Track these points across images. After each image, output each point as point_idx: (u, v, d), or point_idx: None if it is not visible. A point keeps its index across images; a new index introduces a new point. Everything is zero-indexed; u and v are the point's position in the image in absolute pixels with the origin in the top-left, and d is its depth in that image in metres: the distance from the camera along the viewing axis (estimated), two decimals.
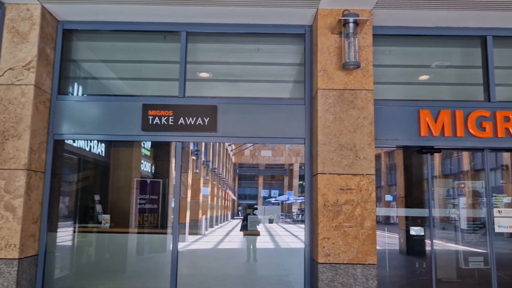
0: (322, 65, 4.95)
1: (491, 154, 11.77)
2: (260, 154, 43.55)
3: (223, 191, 28.55)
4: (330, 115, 4.88)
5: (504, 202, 6.02)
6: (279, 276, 8.24)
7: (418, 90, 6.02)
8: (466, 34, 5.49)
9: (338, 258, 4.67)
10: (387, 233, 8.22)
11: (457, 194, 8.16)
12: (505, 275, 6.41)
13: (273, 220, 26.31)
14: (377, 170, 21.63)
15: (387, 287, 6.73)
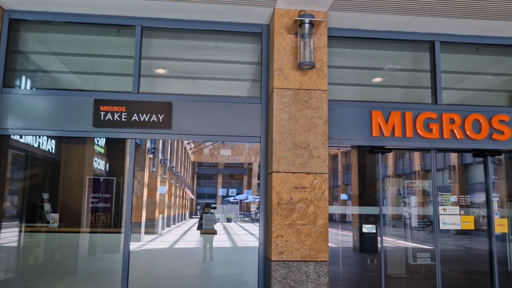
0: (278, 65, 4.99)
1: (440, 155, 12.33)
2: (219, 153, 43.35)
3: (181, 190, 28.19)
4: (285, 114, 4.93)
5: (451, 200, 6.31)
6: (234, 274, 8.26)
7: (371, 91, 6.21)
8: (416, 39, 5.72)
9: (291, 255, 4.72)
10: (342, 231, 8.43)
11: (406, 193, 8.49)
12: (450, 270, 6.73)
13: (232, 219, 26.34)
14: (334, 170, 22.09)
15: (340, 283, 6.89)
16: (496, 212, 5.72)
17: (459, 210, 5.77)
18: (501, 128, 5.54)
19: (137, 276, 7.52)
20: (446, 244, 7.73)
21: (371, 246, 7.20)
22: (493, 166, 6.81)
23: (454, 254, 7.93)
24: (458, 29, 5.55)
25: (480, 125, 5.53)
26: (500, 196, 6.62)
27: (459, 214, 5.72)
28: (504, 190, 6.66)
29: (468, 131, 5.49)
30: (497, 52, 6.10)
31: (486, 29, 5.54)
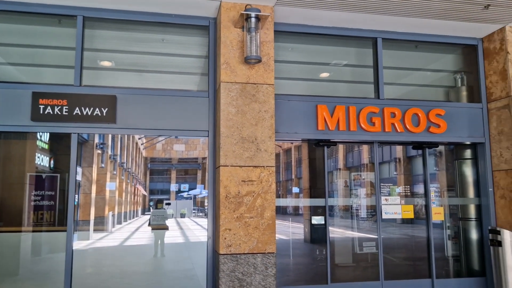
0: (225, 58, 4.98)
1: (386, 148, 12.78)
2: (172, 148, 42.60)
3: (133, 186, 27.46)
4: (232, 108, 4.94)
5: (396, 191, 6.60)
6: (185, 270, 8.19)
7: (318, 86, 6.34)
8: (360, 35, 5.90)
9: (239, 248, 4.76)
10: (295, 223, 8.58)
11: (353, 185, 8.77)
12: (394, 257, 7.04)
13: (185, 214, 25.98)
14: (288, 164, 22.40)
15: (290, 274, 7.02)
16: (433, 201, 6.05)
17: (400, 200, 6.05)
18: (438, 121, 5.86)
19: (85, 275, 7.29)
20: (391, 232, 8.08)
21: (320, 237, 7.38)
22: (435, 158, 7.19)
23: (398, 242, 8.27)
24: (399, 26, 5.79)
25: (418, 118, 5.81)
26: (441, 186, 6.99)
27: (399, 204, 5.99)
28: (444, 181, 7.04)
29: (407, 125, 5.76)
30: (435, 49, 6.43)
31: (425, 27, 5.82)
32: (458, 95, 6.38)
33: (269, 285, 4.76)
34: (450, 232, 6.48)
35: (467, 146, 6.31)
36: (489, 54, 6.07)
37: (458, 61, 6.55)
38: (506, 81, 5.76)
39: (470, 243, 6.25)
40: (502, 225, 5.79)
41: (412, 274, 6.29)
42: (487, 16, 5.49)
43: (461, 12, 5.36)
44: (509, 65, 5.74)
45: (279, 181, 16.68)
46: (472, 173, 6.27)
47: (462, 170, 6.40)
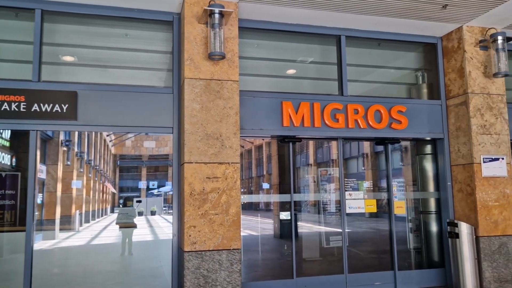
0: (189, 54, 4.94)
1: (354, 144, 12.96)
2: (142, 145, 41.99)
3: (101, 184, 26.89)
4: (197, 104, 4.91)
5: (364, 186, 6.73)
6: (153, 268, 8.10)
7: (283, 83, 6.38)
8: (324, 33, 5.98)
9: (204, 245, 4.75)
10: (266, 219, 8.62)
11: (320, 180, 8.89)
12: (360, 250, 7.19)
13: (156, 211, 25.70)
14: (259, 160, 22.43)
15: (258, 270, 7.07)
16: (395, 195, 6.21)
17: (363, 194, 6.18)
18: (399, 118, 6.01)
19: (48, 275, 7.09)
20: (358, 226, 8.24)
21: (289, 232, 7.46)
22: (401, 153, 7.37)
23: (364, 236, 8.45)
24: (362, 24, 5.89)
25: (381, 115, 5.95)
26: (404, 181, 7.18)
27: (363, 198, 6.12)
28: (407, 175, 7.23)
29: (370, 121, 5.88)
30: (397, 47, 6.58)
31: (387, 25, 5.94)
32: (419, 92, 6.57)
33: (234, 281, 4.78)
34: (412, 225, 6.68)
35: (427, 142, 6.50)
36: (448, 53, 6.27)
37: (419, 59, 6.73)
38: (463, 79, 5.97)
39: (430, 235, 6.46)
40: (459, 217, 6.02)
41: (376, 267, 6.45)
42: (445, 16, 5.67)
43: (421, 11, 5.50)
44: (466, 63, 5.94)
45: (251, 177, 16.71)
46: (432, 167, 6.47)
47: (423, 165, 6.60)
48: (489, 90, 5.99)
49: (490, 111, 5.95)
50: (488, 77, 5.99)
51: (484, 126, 5.89)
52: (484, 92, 5.96)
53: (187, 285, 4.64)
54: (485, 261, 5.69)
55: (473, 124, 5.85)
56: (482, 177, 5.78)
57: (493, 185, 5.82)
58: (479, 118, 5.88)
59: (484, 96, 5.95)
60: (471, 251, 5.66)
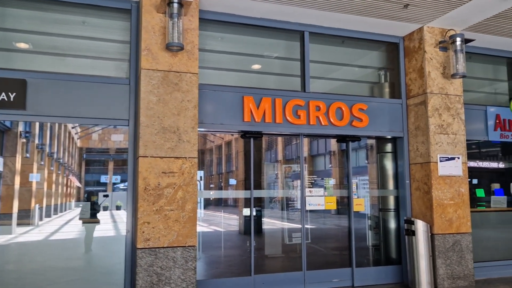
0: (147, 44, 4.77)
1: (322, 142, 12.99)
2: (110, 138, 41.15)
3: (65, 177, 26.13)
4: (154, 96, 4.75)
5: (330, 184, 6.74)
6: (112, 264, 7.87)
7: (246, 77, 6.28)
8: (288, 28, 5.92)
9: (158, 242, 4.62)
10: (232, 215, 8.54)
11: (284, 177, 8.88)
12: (321, 247, 7.22)
13: (121, 206, 25.23)
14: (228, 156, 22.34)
15: (220, 266, 6.99)
16: (355, 193, 6.25)
17: (323, 192, 6.18)
18: (360, 116, 6.03)
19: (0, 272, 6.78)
20: (322, 223, 8.28)
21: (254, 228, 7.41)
22: (366, 151, 7.43)
23: (327, 233, 8.51)
24: (326, 21, 5.87)
25: (342, 112, 5.95)
26: (365, 178, 7.25)
27: (323, 195, 6.12)
28: (369, 173, 7.29)
29: (332, 118, 5.88)
30: (360, 45, 6.60)
31: (351, 23, 5.94)
32: (381, 91, 6.62)
33: (189, 279, 4.67)
34: (371, 222, 6.74)
35: (388, 140, 6.57)
36: (409, 53, 6.34)
37: (382, 58, 6.79)
38: (423, 79, 6.05)
39: (389, 232, 6.54)
40: (416, 215, 6.11)
41: (337, 263, 6.48)
42: (407, 16, 5.71)
43: (383, 10, 5.52)
44: (426, 64, 6.02)
45: (221, 173, 16.61)
46: (392, 166, 6.55)
47: (383, 163, 6.66)
48: (447, 90, 6.10)
49: (448, 111, 6.06)
50: (447, 78, 6.09)
51: (441, 126, 5.99)
52: (443, 93, 6.06)
53: (139, 283, 4.50)
54: (440, 258, 5.80)
55: (431, 124, 5.94)
56: (438, 176, 5.88)
57: (448, 184, 5.93)
58: (437, 118, 5.98)
59: (442, 96, 6.05)
60: (427, 249, 5.75)
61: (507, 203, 7.33)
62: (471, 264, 5.96)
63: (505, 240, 7.19)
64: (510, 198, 7.39)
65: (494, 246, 7.01)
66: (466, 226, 5.97)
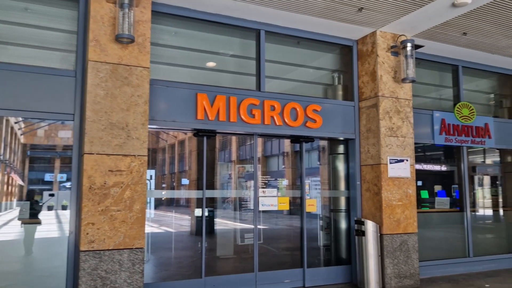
0: (95, 35, 4.51)
1: (275, 142, 13.02)
2: (57, 134, 39.28)
3: (6, 175, 24.67)
4: (101, 90, 4.50)
5: (283, 184, 6.71)
6: (54, 267, 7.42)
7: (201, 74, 6.13)
8: (244, 26, 5.83)
9: (104, 244, 4.37)
10: (185, 215, 8.30)
11: (237, 177, 8.79)
12: (274, 247, 7.18)
13: (68, 206, 24.11)
14: (181, 156, 21.99)
15: (171, 269, 6.77)
16: (307, 193, 6.27)
17: (276, 192, 6.15)
18: (314, 117, 6.06)
19: None
20: (275, 223, 8.26)
21: (206, 228, 7.26)
22: (318, 152, 7.48)
23: (280, 233, 8.50)
24: (282, 20, 5.84)
25: (297, 113, 5.95)
26: (321, 179, 7.29)
27: (276, 196, 6.09)
28: (321, 174, 7.35)
29: (286, 118, 5.86)
30: (315, 47, 6.65)
31: (306, 24, 5.95)
32: (334, 93, 6.69)
33: (135, 283, 4.46)
34: (323, 223, 6.80)
35: (340, 142, 6.66)
36: (362, 56, 6.46)
37: (336, 60, 6.87)
38: (375, 82, 6.17)
39: (339, 233, 6.63)
40: (366, 216, 6.23)
41: (288, 264, 6.47)
42: (361, 19, 5.81)
43: (338, 12, 5.57)
44: (378, 67, 6.15)
45: (173, 173, 16.26)
46: (344, 167, 6.64)
47: (335, 164, 6.75)
48: (398, 94, 6.26)
49: (398, 114, 6.23)
50: (397, 82, 6.26)
51: (391, 129, 6.14)
52: (393, 96, 6.22)
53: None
54: (388, 258, 5.94)
55: (382, 126, 6.07)
56: (388, 178, 6.02)
57: (397, 185, 6.09)
58: (388, 121, 6.13)
59: (393, 100, 6.21)
60: (376, 249, 5.87)
61: (450, 204, 7.66)
62: (417, 263, 6.15)
63: (448, 240, 7.51)
64: (453, 199, 7.74)
65: (437, 245, 7.30)
66: (412, 226, 6.16)
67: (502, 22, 5.84)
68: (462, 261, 7.20)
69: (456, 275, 6.97)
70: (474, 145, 7.55)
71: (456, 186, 7.80)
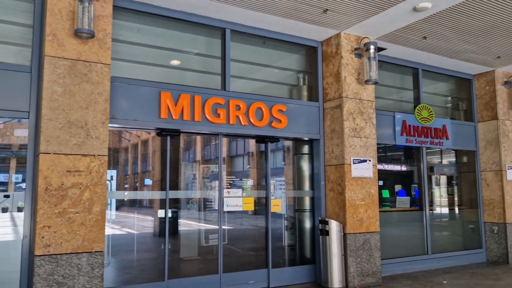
0: (52, 29, 4.30)
1: (240, 142, 13.01)
2: (13, 133, 37.55)
3: None
4: (59, 87, 4.30)
5: (248, 184, 6.66)
6: (6, 273, 7.07)
7: (165, 73, 5.99)
8: (209, 24, 5.75)
9: (61, 248, 4.18)
10: (149, 216, 8.08)
11: (202, 177, 8.67)
12: (239, 248, 7.12)
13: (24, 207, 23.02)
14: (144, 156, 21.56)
15: (133, 271, 6.57)
16: (273, 193, 6.27)
17: (241, 192, 6.11)
18: (280, 117, 6.07)
19: None
20: (240, 224, 8.20)
21: (170, 230, 7.12)
22: (283, 152, 7.48)
23: (246, 233, 8.46)
24: (248, 20, 5.80)
25: (262, 113, 5.93)
26: (286, 180, 7.29)
27: (241, 196, 6.05)
28: (287, 174, 7.37)
29: (251, 118, 5.83)
30: (281, 47, 6.65)
31: (272, 24, 5.94)
32: (300, 93, 6.73)
33: (95, 287, 4.29)
34: (288, 223, 6.82)
35: (305, 142, 6.70)
36: (327, 57, 6.53)
37: (301, 61, 6.91)
38: (339, 83, 6.25)
39: (304, 233, 6.66)
40: (330, 216, 6.29)
41: (253, 264, 6.43)
42: (326, 21, 5.86)
43: (304, 13, 5.60)
44: (342, 69, 6.23)
45: (136, 173, 15.91)
46: (308, 167, 6.68)
47: (300, 164, 6.78)
48: (361, 95, 6.37)
49: (361, 115, 6.33)
50: (361, 84, 6.36)
51: (355, 130, 6.24)
52: (357, 97, 6.32)
53: None
54: (351, 257, 6.02)
55: (346, 127, 6.15)
56: (351, 178, 6.11)
57: (360, 185, 6.19)
58: (351, 122, 6.22)
59: (356, 101, 6.31)
60: (339, 248, 5.94)
61: (410, 203, 7.88)
62: (379, 262, 6.27)
63: (408, 238, 7.72)
64: (412, 198, 7.97)
65: (398, 244, 7.49)
66: (375, 225, 6.28)
67: (460, 27, 6.06)
68: (421, 259, 7.42)
69: (416, 272, 7.18)
70: (432, 146, 7.80)
71: (415, 185, 8.04)
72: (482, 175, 8.37)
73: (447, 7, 5.38)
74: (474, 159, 8.47)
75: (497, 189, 8.09)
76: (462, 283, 6.41)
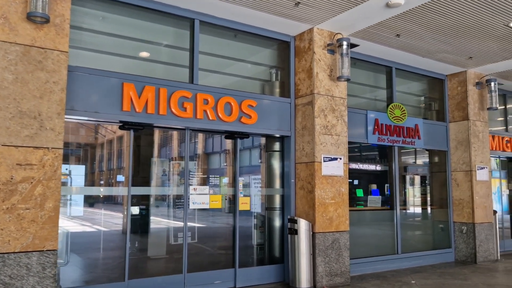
0: (3, 12, 4.01)
1: (217, 140, 12.78)
2: None
3: None
4: (10, 74, 4.01)
5: (224, 182, 6.47)
6: None
7: (130, 64, 5.73)
8: (178, 14, 5.53)
9: (8, 246, 3.90)
10: (119, 213, 7.81)
11: (172, 174, 8.43)
12: (209, 247, 6.93)
13: None
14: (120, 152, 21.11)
15: (97, 271, 6.31)
16: (241, 191, 6.10)
17: (208, 190, 5.93)
18: (250, 112, 5.90)
19: None
20: (212, 222, 8.01)
21: (137, 228, 6.89)
22: (259, 150, 7.32)
23: (216, 232, 8.27)
24: (218, 11, 5.60)
25: (231, 108, 5.75)
26: (254, 177, 7.14)
27: (208, 194, 5.86)
28: (257, 171, 7.21)
29: (220, 113, 5.64)
30: (253, 41, 6.48)
31: (244, 16, 5.76)
32: (272, 89, 6.57)
33: None
34: (257, 221, 6.67)
35: (276, 139, 6.55)
36: (299, 53, 6.39)
37: (274, 56, 6.75)
38: (311, 80, 6.12)
39: (273, 231, 6.52)
40: (300, 214, 6.17)
41: (221, 264, 6.26)
42: (298, 15, 5.71)
43: (276, 6, 5.44)
44: (315, 65, 6.11)
45: (111, 169, 15.52)
46: (279, 165, 6.54)
47: (271, 161, 6.63)
48: (333, 92, 6.26)
49: (333, 112, 6.22)
50: (333, 80, 6.25)
51: (326, 127, 6.12)
52: (329, 94, 6.21)
53: None
54: (319, 256, 5.91)
55: (317, 124, 6.03)
56: (321, 176, 5.99)
57: (330, 184, 6.08)
58: (323, 119, 6.10)
59: (328, 98, 6.20)
60: (308, 247, 5.82)
61: (381, 203, 7.84)
62: (348, 261, 6.19)
63: (378, 237, 7.68)
64: (384, 197, 7.93)
65: (368, 243, 7.44)
66: (344, 224, 6.19)
67: (433, 26, 6.01)
68: (391, 258, 7.38)
69: (385, 271, 7.14)
70: (404, 145, 7.78)
71: (388, 185, 8.02)
72: (453, 175, 8.42)
73: (420, 4, 5.31)
74: (445, 159, 8.50)
75: (466, 189, 8.14)
76: (430, 283, 6.39)
